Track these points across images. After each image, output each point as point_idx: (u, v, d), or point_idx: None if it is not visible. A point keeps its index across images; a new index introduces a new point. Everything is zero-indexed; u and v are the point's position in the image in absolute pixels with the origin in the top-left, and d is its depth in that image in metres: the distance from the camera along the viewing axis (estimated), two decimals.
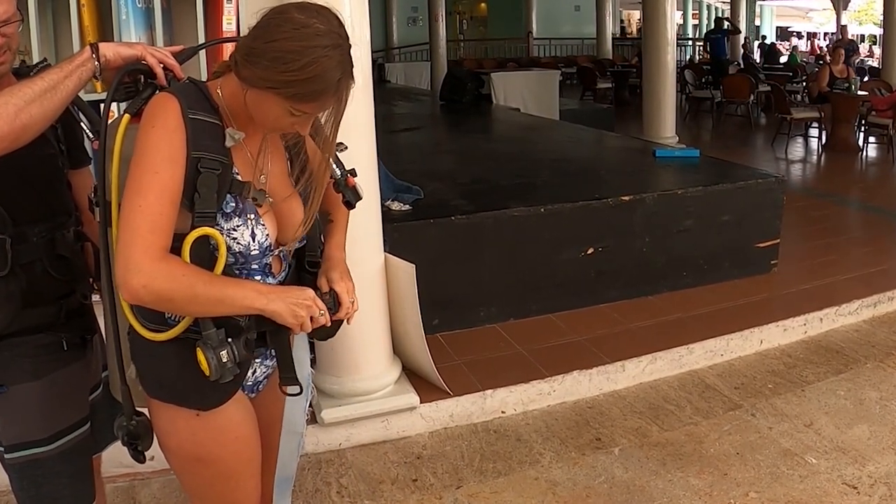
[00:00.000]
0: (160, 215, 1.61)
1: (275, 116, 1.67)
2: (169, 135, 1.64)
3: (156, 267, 1.60)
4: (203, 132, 1.67)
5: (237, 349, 1.71)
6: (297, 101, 1.62)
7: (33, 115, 1.71)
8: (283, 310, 1.70)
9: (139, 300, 1.62)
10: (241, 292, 1.67)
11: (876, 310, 5.26)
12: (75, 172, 2.13)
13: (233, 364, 1.70)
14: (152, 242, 1.61)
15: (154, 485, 3.43)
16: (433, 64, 16.02)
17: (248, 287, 1.71)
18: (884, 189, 9.07)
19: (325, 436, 3.71)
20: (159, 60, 1.84)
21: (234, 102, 1.72)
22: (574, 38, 26.02)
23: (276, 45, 1.58)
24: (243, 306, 1.68)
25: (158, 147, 1.63)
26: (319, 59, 1.57)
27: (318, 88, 1.60)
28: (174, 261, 1.63)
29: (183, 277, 1.61)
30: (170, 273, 1.61)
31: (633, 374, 4.33)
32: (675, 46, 10.03)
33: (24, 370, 1.95)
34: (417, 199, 4.90)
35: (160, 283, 1.60)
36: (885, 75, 12.78)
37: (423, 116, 11.24)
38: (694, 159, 6.50)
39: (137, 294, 1.60)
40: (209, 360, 1.67)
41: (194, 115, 1.66)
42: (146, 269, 1.59)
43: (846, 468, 3.49)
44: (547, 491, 3.39)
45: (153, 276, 1.59)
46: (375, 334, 3.83)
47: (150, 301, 1.62)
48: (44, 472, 2.00)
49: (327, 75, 1.59)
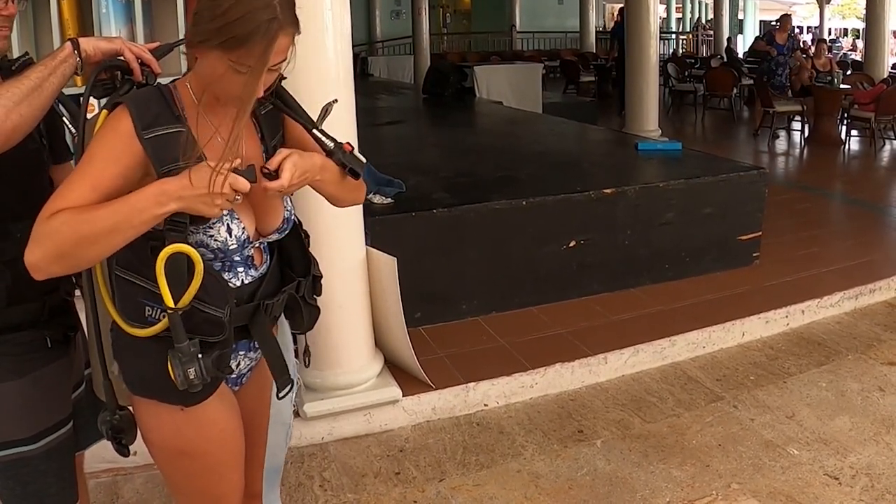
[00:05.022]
0: (71, 192, 1.58)
1: (224, 79, 1.62)
2: (112, 138, 1.63)
3: (40, 229, 1.56)
4: (166, 146, 1.65)
5: (205, 367, 1.70)
6: (230, 50, 1.58)
7: (23, 115, 1.71)
8: (190, 204, 1.60)
9: (41, 271, 1.58)
10: (133, 209, 1.58)
11: (857, 302, 5.28)
12: (58, 167, 2.09)
13: (199, 381, 1.69)
14: (48, 210, 1.57)
15: (137, 480, 3.40)
16: (416, 57, 15.95)
17: (138, 197, 1.58)
18: (866, 182, 9.14)
19: (307, 429, 3.69)
20: (136, 55, 1.83)
21: (198, 89, 1.71)
22: (557, 31, 26.05)
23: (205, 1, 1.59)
24: (146, 220, 1.59)
25: (99, 142, 1.64)
26: (243, 1, 1.56)
27: (246, 31, 1.56)
28: (58, 214, 1.56)
29: (63, 226, 1.55)
30: (49, 231, 1.55)
31: (615, 366, 4.33)
32: (658, 40, 10.04)
33: (7, 368, 1.93)
34: (399, 192, 4.88)
35: (44, 244, 1.55)
36: (868, 69, 12.87)
37: (406, 110, 11.22)
38: (676, 152, 6.50)
39: (32, 265, 1.57)
40: (176, 375, 1.66)
41: (152, 133, 1.64)
42: (35, 234, 1.56)
43: (828, 459, 3.50)
44: (529, 483, 3.39)
45: (37, 240, 1.56)
46: (357, 328, 3.81)
47: (49, 265, 1.58)
48: (29, 470, 1.98)
49: (253, 16, 1.56)
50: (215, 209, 1.61)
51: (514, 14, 25.65)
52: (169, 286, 1.64)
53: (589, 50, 21.76)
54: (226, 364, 1.82)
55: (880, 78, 12.14)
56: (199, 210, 1.60)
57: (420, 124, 9.85)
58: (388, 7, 24.30)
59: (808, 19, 37.36)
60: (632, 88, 9.75)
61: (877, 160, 10.25)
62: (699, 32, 28.13)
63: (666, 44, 25.02)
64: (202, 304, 1.70)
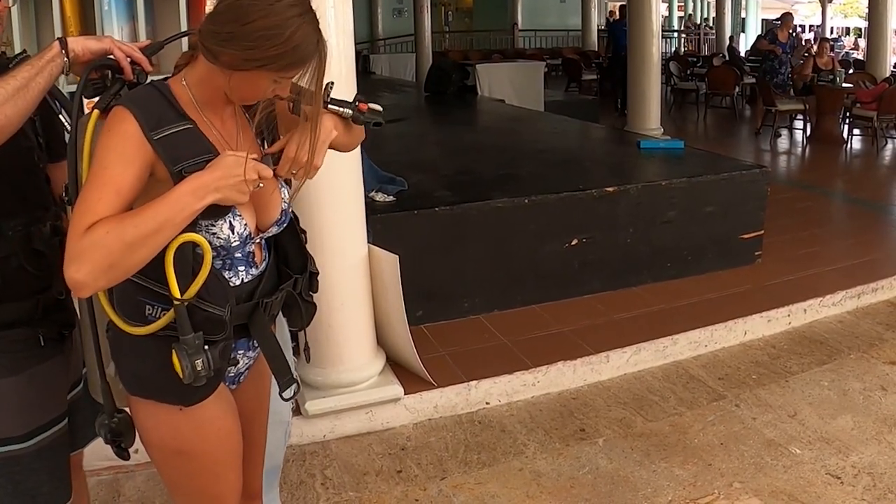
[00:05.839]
0: (97, 202, 1.57)
1: (261, 89, 1.70)
2: (123, 139, 1.62)
3: (80, 245, 1.54)
4: (176, 145, 1.66)
5: (212, 357, 1.70)
6: (286, 71, 1.66)
7: (8, 115, 1.69)
8: (227, 194, 1.65)
9: (87, 287, 1.56)
10: (173, 207, 1.60)
11: (860, 301, 5.28)
12: (55, 166, 2.08)
13: (207, 372, 1.69)
14: (81, 225, 1.55)
15: (138, 478, 3.40)
16: (418, 55, 15.93)
17: (177, 194, 1.61)
18: (867, 181, 9.12)
19: (308, 427, 3.69)
20: (126, 54, 1.82)
21: (205, 88, 1.73)
22: (559, 29, 25.97)
23: (255, 26, 1.60)
24: (187, 217, 1.62)
25: (108, 146, 1.62)
26: (300, 27, 1.63)
27: (305, 54, 1.66)
28: (96, 226, 1.55)
29: (108, 235, 1.54)
30: (93, 244, 1.54)
31: (617, 364, 4.33)
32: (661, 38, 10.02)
33: (1, 365, 1.93)
34: (401, 190, 4.87)
35: (91, 258, 1.53)
36: (870, 68, 12.83)
37: (408, 108, 11.18)
38: (678, 151, 6.49)
39: (79, 283, 1.54)
40: (184, 367, 1.66)
41: (160, 133, 1.65)
42: (74, 252, 1.54)
43: (830, 458, 3.50)
44: (531, 482, 3.39)
45: (81, 256, 1.54)
46: (359, 325, 3.81)
47: (96, 280, 1.56)
48: (21, 469, 1.96)
49: (308, 39, 1.65)
50: (245, 196, 1.68)
51: (516, 12, 25.59)
52: (176, 277, 1.65)
53: (591, 48, 21.69)
54: (229, 355, 1.81)
55: (882, 77, 12.10)
56: (233, 198, 1.66)
57: (422, 122, 9.81)
58: (389, 5, 24.26)
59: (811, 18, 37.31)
60: (634, 87, 9.72)
61: (879, 159, 10.22)
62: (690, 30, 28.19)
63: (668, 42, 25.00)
64: (203, 303, 1.70)
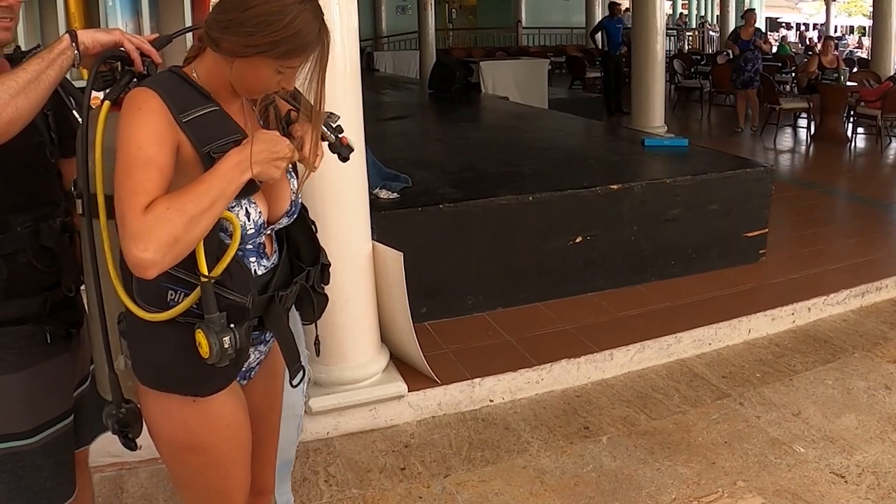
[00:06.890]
0: (147, 181, 1.58)
1: (265, 79, 1.71)
2: (152, 116, 1.63)
3: (143, 224, 1.54)
4: (205, 127, 1.69)
5: (239, 336, 1.70)
6: (286, 58, 1.68)
7: (19, 108, 1.69)
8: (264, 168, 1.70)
9: (156, 265, 1.56)
10: (223, 179, 1.64)
11: (864, 299, 5.27)
12: (67, 161, 2.06)
13: (233, 350, 1.69)
14: (137, 205, 1.56)
15: (142, 474, 3.41)
16: (422, 52, 15.91)
17: (224, 167, 1.65)
18: (872, 179, 9.10)
19: (312, 424, 3.69)
20: (136, 46, 1.83)
21: (213, 80, 1.76)
22: (563, 27, 25.96)
23: (255, 11, 1.63)
24: (234, 190, 1.66)
25: (140, 127, 1.62)
26: (300, 14, 1.65)
27: (305, 41, 1.67)
28: (155, 203, 1.57)
29: (169, 212, 1.56)
30: (156, 222, 1.55)
31: (621, 362, 4.33)
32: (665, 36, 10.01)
33: (7, 361, 1.92)
34: (405, 187, 4.88)
35: (156, 235, 1.54)
36: (875, 66, 12.82)
37: (412, 105, 11.21)
38: (682, 148, 6.49)
39: (147, 261, 1.54)
40: (211, 345, 1.66)
41: (189, 115, 1.67)
42: (138, 232, 1.54)
43: (834, 457, 3.50)
44: (535, 479, 3.39)
45: (147, 235, 1.54)
46: (363, 323, 3.81)
47: (164, 257, 1.56)
48: (25, 465, 1.96)
49: (309, 27, 1.67)
50: (279, 173, 1.74)
51: (520, 9, 25.55)
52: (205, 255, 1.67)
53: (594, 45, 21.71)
54: (250, 339, 1.81)
55: (887, 75, 12.06)
56: (270, 174, 1.72)
57: (426, 119, 9.82)
58: (393, 2, 24.24)
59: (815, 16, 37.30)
60: (638, 84, 9.74)
61: (883, 157, 10.22)
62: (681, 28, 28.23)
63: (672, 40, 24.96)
64: (225, 290, 1.72)
